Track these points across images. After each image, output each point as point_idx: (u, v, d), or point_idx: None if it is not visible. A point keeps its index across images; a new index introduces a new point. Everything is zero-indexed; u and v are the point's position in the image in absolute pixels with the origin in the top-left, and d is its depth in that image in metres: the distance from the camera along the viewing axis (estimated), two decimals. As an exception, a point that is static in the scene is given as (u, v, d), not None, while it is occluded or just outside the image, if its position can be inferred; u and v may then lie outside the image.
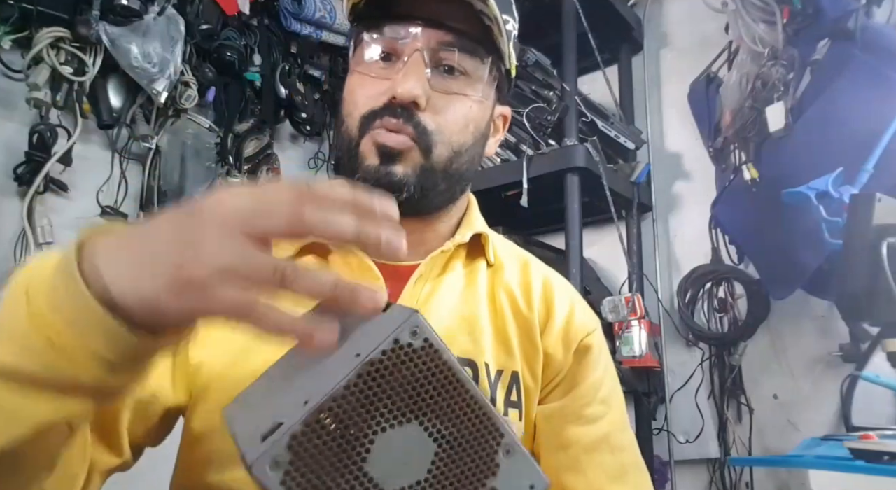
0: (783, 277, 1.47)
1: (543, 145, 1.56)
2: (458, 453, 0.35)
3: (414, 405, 0.34)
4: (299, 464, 0.31)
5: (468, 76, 0.64)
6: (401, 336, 0.33)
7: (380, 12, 0.63)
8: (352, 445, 0.32)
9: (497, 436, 0.36)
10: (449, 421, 0.35)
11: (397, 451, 0.33)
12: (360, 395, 0.32)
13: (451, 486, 0.34)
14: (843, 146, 1.35)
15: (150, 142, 1.67)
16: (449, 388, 0.34)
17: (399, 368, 0.33)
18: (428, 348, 0.34)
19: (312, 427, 0.31)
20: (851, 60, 1.41)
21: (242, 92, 1.89)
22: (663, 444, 1.70)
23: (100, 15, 1.50)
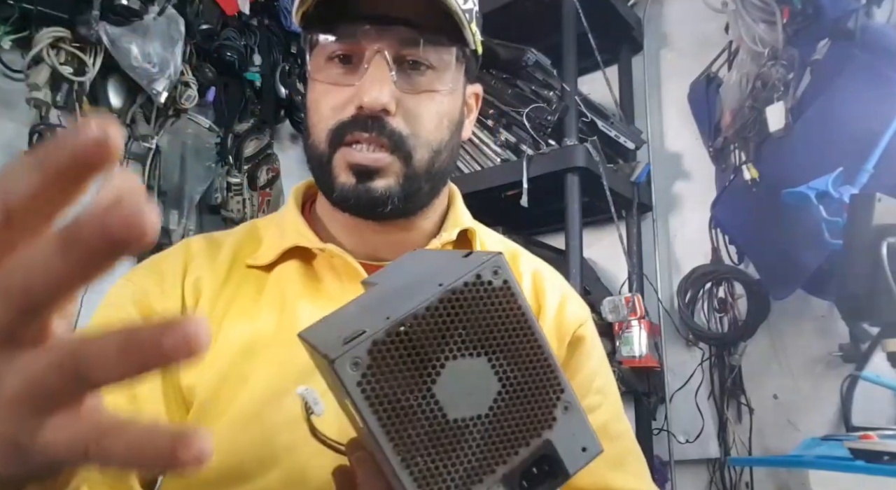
0: (783, 277, 1.47)
1: (543, 145, 1.56)
2: (520, 397, 0.35)
3: (486, 341, 0.34)
4: (376, 370, 0.32)
5: (434, 69, 0.61)
6: (483, 272, 0.34)
7: (331, 13, 0.59)
8: (424, 365, 0.33)
9: (558, 390, 0.36)
10: (515, 363, 0.35)
11: (464, 382, 0.34)
12: (438, 319, 0.33)
13: (509, 428, 0.35)
14: (843, 146, 1.35)
15: (150, 142, 1.67)
16: (520, 332, 0.35)
17: (477, 302, 0.34)
18: (506, 289, 0.34)
19: (392, 338, 0.33)
20: (851, 60, 1.41)
21: (242, 92, 1.89)
22: (663, 444, 1.70)
23: (100, 15, 1.50)
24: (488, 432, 0.34)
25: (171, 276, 0.64)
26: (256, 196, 1.86)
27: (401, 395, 0.33)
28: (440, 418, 0.33)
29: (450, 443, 0.34)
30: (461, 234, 0.69)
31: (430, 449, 0.33)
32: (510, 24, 1.79)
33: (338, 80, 0.61)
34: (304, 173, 0.72)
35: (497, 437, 0.35)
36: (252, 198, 1.85)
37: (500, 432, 0.35)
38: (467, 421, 0.34)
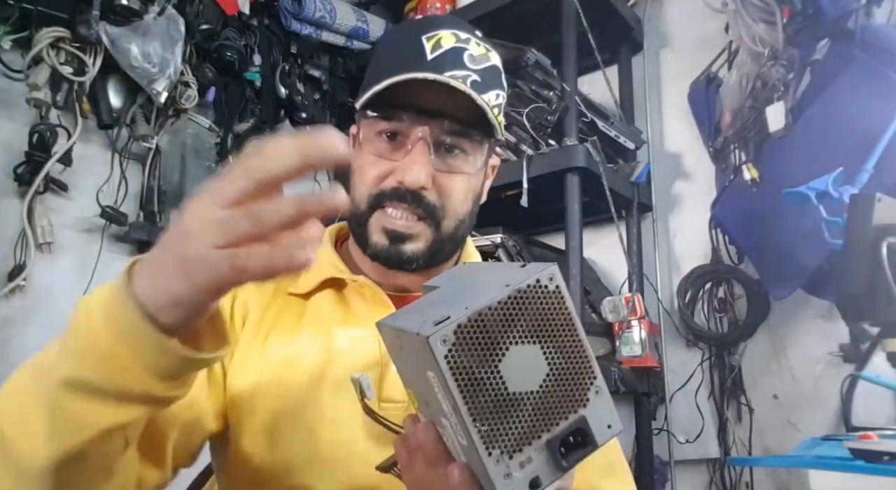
0: (783, 277, 1.47)
1: (543, 145, 1.56)
2: (563, 379, 0.44)
3: (540, 332, 0.43)
4: (459, 347, 0.41)
5: (466, 153, 0.73)
6: (541, 278, 0.43)
7: (388, 101, 0.70)
8: (494, 347, 0.42)
9: (592, 376, 0.45)
10: (561, 352, 0.44)
11: (522, 363, 0.42)
12: (507, 312, 0.42)
13: (553, 403, 0.43)
14: (843, 146, 1.35)
15: (150, 142, 1.67)
16: (566, 328, 0.44)
17: (535, 301, 0.43)
18: (557, 293, 0.43)
19: (473, 323, 0.41)
20: (851, 60, 1.41)
21: (242, 92, 1.89)
22: (663, 444, 1.70)
23: (100, 15, 1.50)
24: (537, 405, 0.43)
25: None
26: (256, 196, 1.86)
27: (476, 368, 0.41)
28: (503, 390, 0.42)
29: (510, 410, 0.42)
30: None
31: (496, 413, 0.42)
32: (510, 24, 1.79)
33: (384, 153, 0.72)
34: (304, 173, 0.75)
35: (544, 410, 0.43)
36: (252, 198, 1.84)
37: (547, 406, 0.43)
38: (523, 394, 0.42)
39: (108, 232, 1.62)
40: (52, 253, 1.51)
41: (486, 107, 0.69)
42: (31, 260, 1.45)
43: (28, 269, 1.44)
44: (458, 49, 0.71)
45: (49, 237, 1.49)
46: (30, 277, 1.46)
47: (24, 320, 1.46)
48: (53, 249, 1.51)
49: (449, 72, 0.68)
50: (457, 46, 0.71)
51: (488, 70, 0.72)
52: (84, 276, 1.55)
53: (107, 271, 1.60)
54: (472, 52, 0.72)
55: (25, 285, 1.45)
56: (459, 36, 0.72)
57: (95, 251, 1.58)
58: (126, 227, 1.62)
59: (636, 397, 1.67)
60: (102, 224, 1.59)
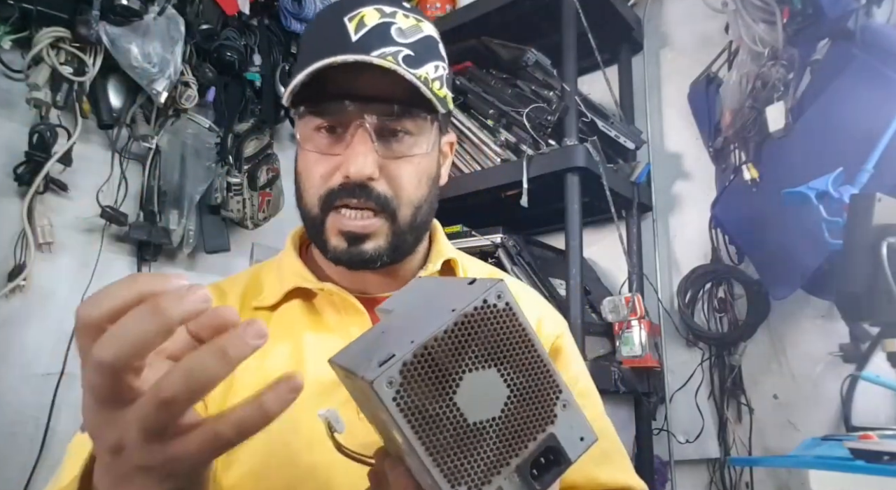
0: (783, 277, 1.47)
1: (543, 145, 1.56)
2: (525, 400, 0.41)
3: (494, 354, 0.41)
4: (407, 386, 0.38)
5: (411, 135, 0.68)
6: (488, 297, 0.41)
7: (319, 93, 0.66)
8: (446, 379, 0.39)
9: (556, 391, 0.42)
10: (520, 372, 0.41)
11: (479, 390, 0.40)
12: (455, 339, 0.40)
13: (518, 426, 0.41)
14: (843, 146, 1.35)
15: (150, 142, 1.67)
16: (522, 345, 0.41)
17: (485, 323, 0.40)
18: (508, 310, 0.41)
19: (419, 358, 0.39)
20: (851, 60, 1.41)
21: (242, 92, 1.89)
22: (663, 444, 1.70)
23: (100, 15, 1.50)
24: (502, 431, 0.41)
25: (234, 304, 0.72)
26: (256, 196, 1.86)
27: (428, 405, 0.39)
28: (462, 422, 0.39)
29: (471, 442, 0.40)
30: (445, 264, 0.77)
31: (456, 448, 0.39)
32: (510, 24, 1.79)
33: (325, 149, 0.68)
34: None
35: (509, 435, 0.41)
36: (252, 198, 1.85)
37: (512, 430, 0.41)
38: (484, 423, 0.40)
39: (108, 232, 1.62)
40: (52, 253, 1.51)
41: (418, 83, 0.64)
42: (31, 260, 1.45)
43: (28, 269, 1.44)
44: (384, 25, 0.66)
45: (49, 237, 1.49)
46: (30, 277, 1.46)
47: (24, 320, 1.46)
48: (53, 249, 1.51)
49: (377, 50, 0.64)
50: (382, 22, 0.66)
51: (421, 42, 0.68)
52: (84, 276, 1.56)
53: (107, 271, 1.60)
54: (399, 25, 0.67)
55: (25, 285, 1.45)
56: (384, 10, 0.67)
57: (95, 251, 1.58)
58: (126, 227, 1.62)
59: (636, 397, 1.67)
60: (102, 224, 1.59)
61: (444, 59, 0.73)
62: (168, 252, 1.74)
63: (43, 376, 1.46)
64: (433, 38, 0.71)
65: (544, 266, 1.63)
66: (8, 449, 1.39)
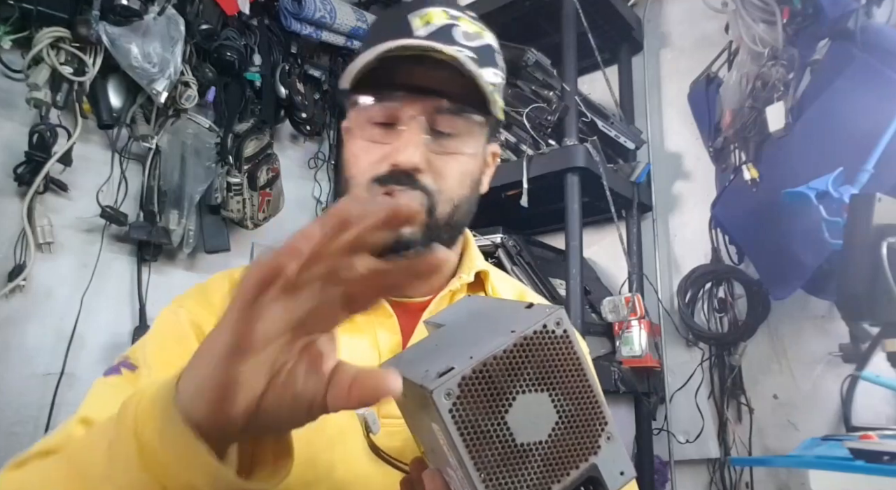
0: (783, 277, 1.47)
1: (543, 145, 1.56)
2: (572, 427, 0.42)
3: (547, 379, 0.41)
4: (464, 399, 0.39)
5: (462, 133, 0.68)
6: (548, 323, 0.41)
7: (378, 82, 0.67)
8: (501, 398, 0.40)
9: (603, 422, 0.43)
10: (570, 399, 0.42)
11: (530, 413, 0.41)
12: (513, 360, 0.40)
13: (563, 452, 0.41)
14: (843, 146, 1.35)
15: (150, 142, 1.67)
16: (574, 374, 0.42)
17: (542, 347, 0.41)
18: (565, 337, 0.42)
19: (477, 374, 0.39)
20: (851, 60, 1.41)
21: (242, 92, 1.89)
22: (663, 444, 1.70)
23: (100, 15, 1.50)
24: (547, 455, 0.41)
25: (219, 301, 0.70)
26: (256, 196, 1.86)
27: (482, 421, 0.40)
28: (511, 442, 0.40)
29: (518, 462, 0.40)
30: (476, 276, 0.77)
31: (503, 466, 0.40)
32: (510, 24, 1.79)
33: (377, 138, 0.68)
34: (305, 173, 0.73)
35: (554, 460, 0.41)
36: (252, 198, 1.85)
37: (557, 456, 0.41)
38: (531, 445, 0.41)
39: (108, 232, 1.62)
40: (52, 253, 1.51)
41: (477, 72, 0.64)
42: (31, 260, 1.45)
43: (28, 269, 1.44)
44: (449, 26, 0.67)
45: (49, 237, 1.49)
46: (30, 277, 1.46)
47: (24, 320, 1.46)
48: (53, 249, 1.51)
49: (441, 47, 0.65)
50: (448, 23, 0.67)
51: (483, 48, 0.69)
52: (84, 276, 1.56)
53: (107, 271, 1.60)
54: (464, 29, 0.68)
55: (25, 285, 1.45)
56: (450, 13, 0.68)
57: (95, 251, 1.58)
58: (126, 227, 1.62)
59: (636, 397, 1.67)
60: (102, 224, 1.59)
61: (503, 70, 0.73)
62: (168, 252, 1.74)
63: (43, 376, 1.46)
64: (493, 47, 0.72)
65: (544, 266, 1.63)
66: (8, 449, 1.38)
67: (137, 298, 1.66)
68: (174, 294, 0.77)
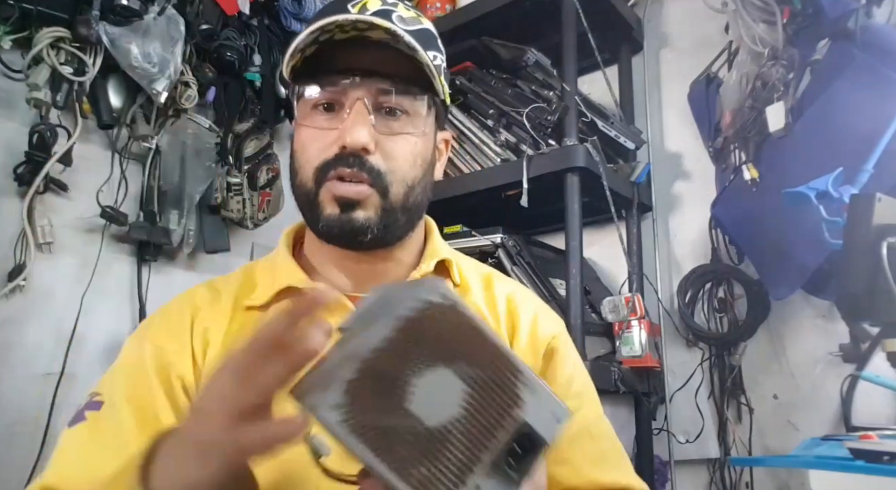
0: (783, 277, 1.47)
1: (543, 145, 1.56)
2: (484, 390, 0.40)
3: (444, 352, 0.39)
4: (354, 406, 0.37)
5: (408, 115, 0.69)
6: (431, 297, 0.40)
7: (318, 68, 0.68)
8: (395, 388, 0.38)
9: (516, 372, 0.41)
10: (473, 364, 0.40)
11: (434, 392, 0.39)
12: (398, 346, 0.38)
13: (484, 418, 0.39)
14: (843, 146, 1.35)
15: (150, 142, 1.67)
16: (471, 337, 0.40)
17: (429, 323, 0.39)
18: (451, 306, 0.40)
19: (360, 375, 0.37)
20: (851, 60, 1.40)
21: (242, 92, 1.89)
22: (663, 444, 1.70)
23: (100, 15, 1.50)
24: (467, 429, 0.39)
25: (180, 328, 0.71)
26: (256, 196, 1.86)
27: (382, 419, 0.37)
28: (422, 429, 0.38)
29: (436, 448, 0.38)
30: (439, 264, 0.77)
31: (420, 457, 0.37)
32: (510, 24, 1.79)
33: (323, 124, 0.69)
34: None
35: (476, 430, 0.39)
36: (252, 198, 1.85)
37: (478, 424, 0.39)
38: (446, 424, 0.38)
39: (108, 232, 1.62)
40: (52, 253, 1.51)
41: (416, 45, 0.65)
42: (31, 260, 1.45)
43: (28, 269, 1.44)
44: (385, 10, 0.68)
45: (49, 237, 1.49)
46: (30, 277, 1.46)
47: (24, 320, 1.46)
48: (53, 249, 1.51)
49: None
50: (384, 8, 0.68)
51: (421, 31, 0.69)
52: (84, 277, 1.56)
53: (107, 271, 1.60)
54: (401, 13, 0.69)
55: (25, 285, 1.45)
56: (386, 0, 0.69)
57: (95, 251, 1.58)
58: (126, 227, 1.62)
59: (636, 397, 1.67)
60: (102, 224, 1.59)
61: (443, 53, 0.74)
62: (168, 252, 1.74)
63: (43, 376, 1.46)
64: (432, 32, 0.73)
65: (544, 266, 1.63)
66: (8, 449, 1.38)
67: (137, 298, 1.66)
68: (174, 294, 0.78)
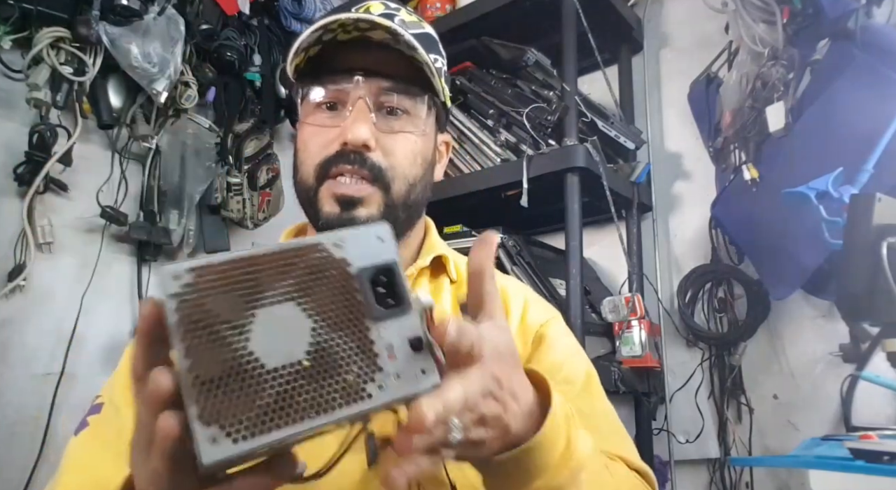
0: (783, 277, 1.47)
1: (543, 145, 1.56)
2: (311, 286, 0.38)
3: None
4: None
5: (409, 114, 0.71)
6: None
7: (321, 68, 0.70)
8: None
9: (313, 247, 0.39)
10: (282, 278, 0.37)
11: (278, 329, 0.36)
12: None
13: (329, 306, 0.37)
14: (843, 146, 1.35)
15: (150, 142, 1.67)
16: (262, 264, 0.37)
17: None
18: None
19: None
20: (851, 60, 1.41)
21: (242, 92, 1.89)
22: (663, 444, 1.70)
23: (100, 15, 1.50)
24: (325, 324, 0.37)
25: None
26: (256, 196, 1.86)
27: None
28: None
29: (322, 369, 0.36)
30: (435, 260, 0.78)
31: (307, 384, 0.35)
32: (510, 24, 1.79)
33: (325, 122, 0.70)
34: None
35: (332, 317, 0.37)
36: (252, 198, 1.85)
37: (328, 312, 0.37)
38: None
39: (108, 232, 1.62)
40: (52, 253, 1.51)
41: (416, 44, 0.66)
42: (31, 260, 1.46)
43: (28, 269, 1.44)
44: (388, 14, 0.69)
45: (49, 237, 1.49)
46: (30, 277, 1.46)
47: (24, 320, 1.46)
48: (53, 249, 1.51)
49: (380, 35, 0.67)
50: (387, 12, 0.70)
51: (422, 35, 0.71)
52: (84, 276, 1.56)
53: (107, 271, 1.60)
54: (403, 18, 0.71)
55: (25, 285, 1.45)
56: (389, 5, 0.72)
57: (95, 251, 1.59)
58: (126, 227, 1.62)
59: (636, 397, 1.67)
60: (102, 224, 1.59)
61: (444, 56, 0.76)
62: (168, 252, 1.74)
63: (43, 376, 1.46)
64: (433, 37, 0.75)
65: (544, 266, 1.63)
66: (8, 449, 1.39)
67: (137, 298, 1.67)
68: (174, 294, 0.78)
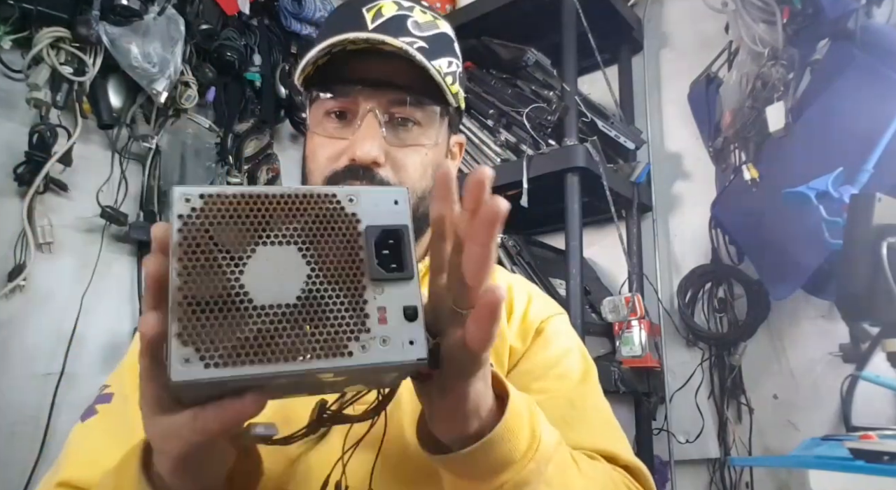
0: (783, 277, 1.47)
1: (543, 145, 1.56)
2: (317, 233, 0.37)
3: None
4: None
5: (420, 126, 0.69)
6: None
7: (331, 77, 0.68)
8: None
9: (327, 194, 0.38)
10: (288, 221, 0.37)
11: (273, 268, 0.35)
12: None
13: (331, 254, 0.37)
14: (843, 146, 1.35)
15: (150, 142, 1.67)
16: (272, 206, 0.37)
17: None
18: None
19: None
20: (851, 60, 1.41)
21: (242, 92, 1.89)
22: (663, 444, 1.70)
23: (100, 15, 1.50)
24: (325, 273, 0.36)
25: None
26: (256, 196, 1.86)
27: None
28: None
29: (311, 310, 0.35)
30: None
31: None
32: (510, 24, 1.79)
33: (334, 133, 0.68)
34: (304, 173, 0.74)
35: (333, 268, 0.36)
36: (252, 198, 1.84)
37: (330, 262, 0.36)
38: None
39: (108, 232, 1.62)
40: (52, 253, 1.51)
41: (429, 65, 0.65)
42: (31, 260, 1.45)
43: (28, 269, 1.44)
44: (400, 16, 0.68)
45: (49, 237, 1.49)
46: (30, 277, 1.46)
47: (24, 320, 1.46)
48: (53, 249, 1.51)
49: (392, 39, 0.65)
50: (400, 14, 0.68)
51: (436, 37, 0.69)
52: (84, 276, 1.55)
53: (107, 271, 1.60)
54: (416, 19, 0.69)
55: (25, 285, 1.45)
56: (402, 4, 0.69)
57: (95, 251, 1.58)
58: (126, 227, 1.62)
59: (636, 397, 1.67)
60: (102, 224, 1.59)
61: (459, 57, 0.73)
62: (168, 252, 1.73)
63: (43, 376, 1.46)
64: (448, 36, 0.72)
65: (544, 266, 1.63)
66: (8, 449, 1.38)
67: (137, 298, 1.66)
68: (174, 294, 0.78)
